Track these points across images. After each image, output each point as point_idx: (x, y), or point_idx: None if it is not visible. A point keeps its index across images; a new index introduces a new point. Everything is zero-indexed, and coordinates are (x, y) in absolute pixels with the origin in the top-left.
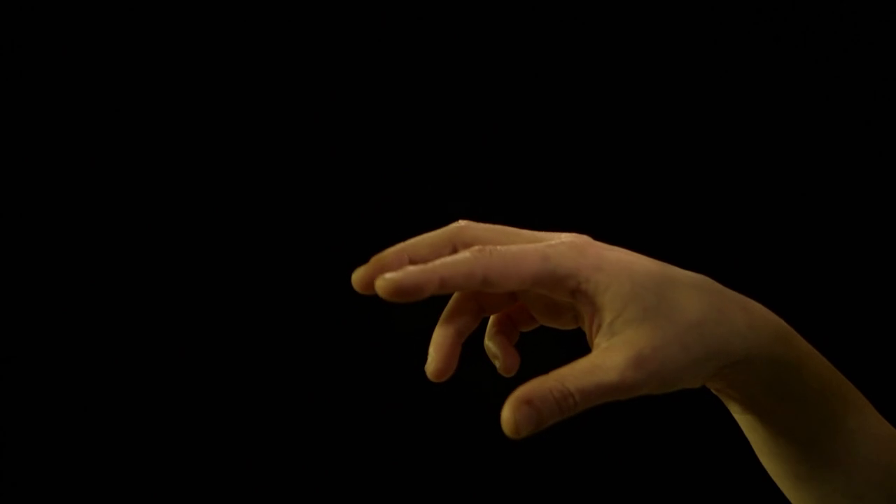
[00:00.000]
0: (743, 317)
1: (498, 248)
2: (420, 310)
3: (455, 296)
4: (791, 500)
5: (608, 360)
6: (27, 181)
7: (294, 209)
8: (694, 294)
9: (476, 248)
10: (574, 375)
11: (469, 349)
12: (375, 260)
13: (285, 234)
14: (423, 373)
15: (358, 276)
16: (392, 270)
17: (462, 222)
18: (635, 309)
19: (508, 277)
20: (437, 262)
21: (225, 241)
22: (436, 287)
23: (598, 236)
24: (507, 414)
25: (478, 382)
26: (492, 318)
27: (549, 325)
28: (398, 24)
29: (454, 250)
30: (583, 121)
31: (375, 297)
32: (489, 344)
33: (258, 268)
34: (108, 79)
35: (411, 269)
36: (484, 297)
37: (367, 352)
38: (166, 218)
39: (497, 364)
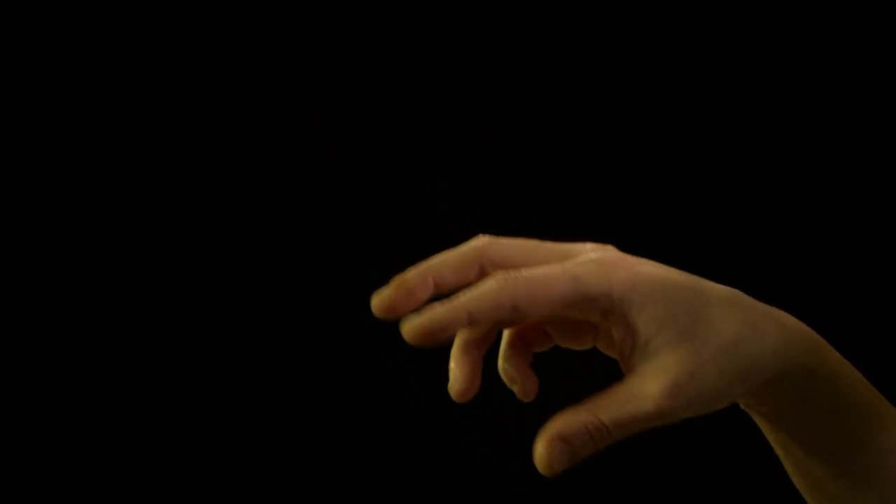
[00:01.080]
0: (777, 332)
1: (524, 273)
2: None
3: None
4: None
5: (644, 388)
6: (27, 181)
7: (295, 209)
8: (727, 312)
9: (500, 275)
10: (608, 406)
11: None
12: (397, 283)
13: (287, 234)
14: (425, 376)
15: (379, 301)
16: (416, 294)
17: (484, 238)
18: (670, 332)
19: (538, 304)
20: (462, 296)
21: (227, 241)
22: (464, 323)
23: (602, 239)
24: (541, 451)
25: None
26: (504, 339)
27: (566, 345)
28: (398, 24)
29: (481, 271)
30: (583, 121)
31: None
32: (506, 367)
33: (259, 268)
34: (109, 79)
35: (436, 309)
36: None
37: (367, 352)
38: (166, 218)
39: (516, 389)
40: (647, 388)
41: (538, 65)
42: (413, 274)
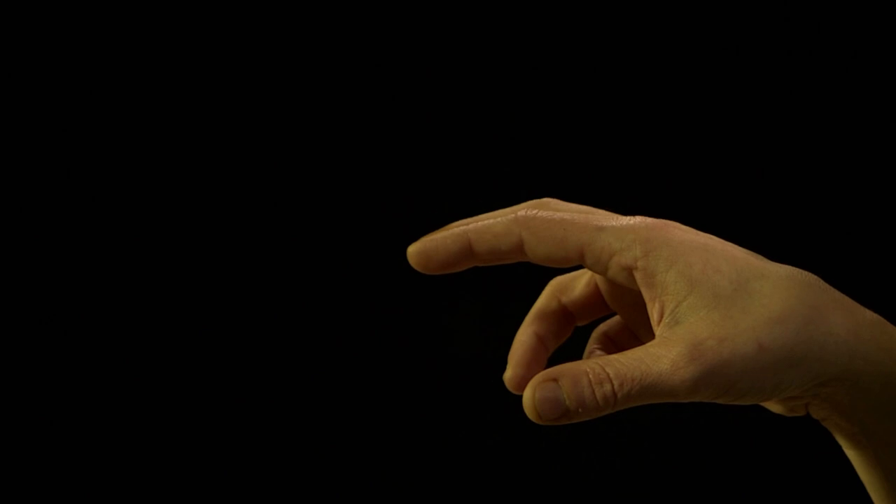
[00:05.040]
0: (844, 320)
1: (548, 211)
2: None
3: (540, 298)
4: None
5: (662, 349)
6: (27, 181)
7: (296, 209)
8: (784, 286)
9: (523, 208)
10: (619, 361)
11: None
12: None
13: (287, 234)
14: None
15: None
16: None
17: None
18: (704, 293)
19: (551, 243)
20: (471, 220)
21: (227, 241)
22: (467, 251)
23: None
24: (528, 392)
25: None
26: (591, 338)
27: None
28: (403, 24)
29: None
30: (585, 121)
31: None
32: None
33: (259, 268)
34: (109, 79)
35: (437, 233)
36: (569, 298)
37: (373, 356)
38: (166, 218)
39: None
40: (666, 350)
41: (541, 65)
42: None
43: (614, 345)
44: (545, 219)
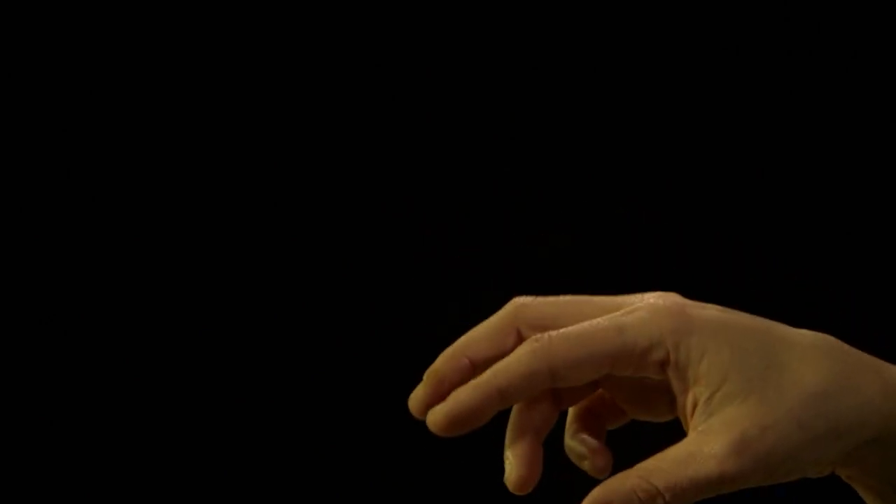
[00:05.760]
0: (876, 383)
1: (560, 331)
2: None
3: (525, 383)
4: None
5: (705, 446)
6: (27, 181)
7: (296, 210)
8: (812, 358)
9: (532, 339)
10: (663, 469)
11: None
12: (430, 376)
13: (287, 234)
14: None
15: (417, 402)
16: (453, 383)
17: (520, 300)
18: (737, 380)
19: (581, 365)
20: (489, 371)
21: (227, 242)
22: (496, 402)
23: (608, 240)
24: None
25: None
26: (570, 415)
27: (641, 418)
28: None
29: (519, 337)
30: (584, 121)
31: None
32: (572, 444)
33: (258, 269)
34: (109, 79)
35: (462, 393)
36: (566, 383)
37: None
38: (169, 219)
39: (586, 465)
40: (710, 447)
41: (546, 66)
42: (443, 361)
43: (596, 421)
44: (563, 341)
